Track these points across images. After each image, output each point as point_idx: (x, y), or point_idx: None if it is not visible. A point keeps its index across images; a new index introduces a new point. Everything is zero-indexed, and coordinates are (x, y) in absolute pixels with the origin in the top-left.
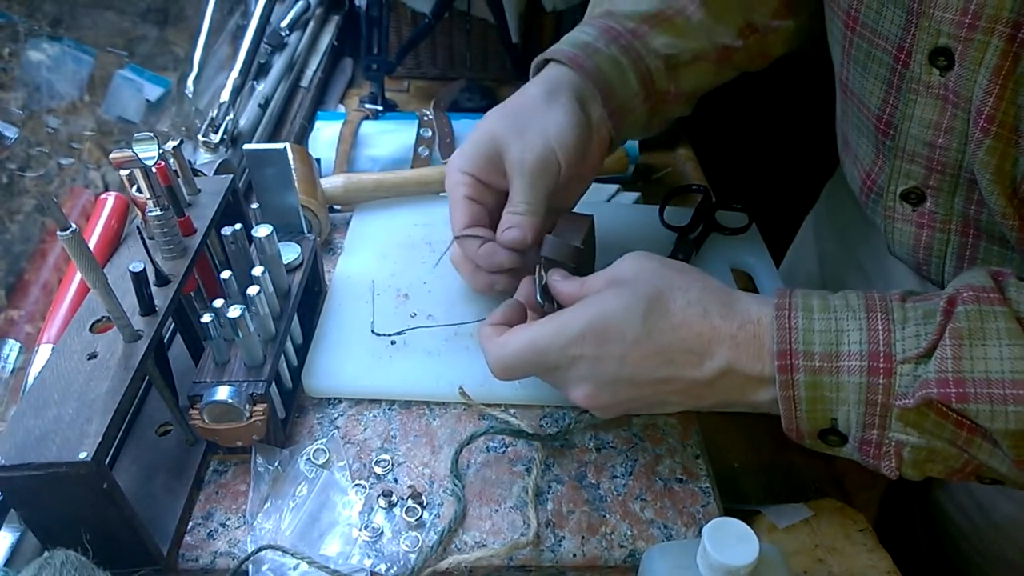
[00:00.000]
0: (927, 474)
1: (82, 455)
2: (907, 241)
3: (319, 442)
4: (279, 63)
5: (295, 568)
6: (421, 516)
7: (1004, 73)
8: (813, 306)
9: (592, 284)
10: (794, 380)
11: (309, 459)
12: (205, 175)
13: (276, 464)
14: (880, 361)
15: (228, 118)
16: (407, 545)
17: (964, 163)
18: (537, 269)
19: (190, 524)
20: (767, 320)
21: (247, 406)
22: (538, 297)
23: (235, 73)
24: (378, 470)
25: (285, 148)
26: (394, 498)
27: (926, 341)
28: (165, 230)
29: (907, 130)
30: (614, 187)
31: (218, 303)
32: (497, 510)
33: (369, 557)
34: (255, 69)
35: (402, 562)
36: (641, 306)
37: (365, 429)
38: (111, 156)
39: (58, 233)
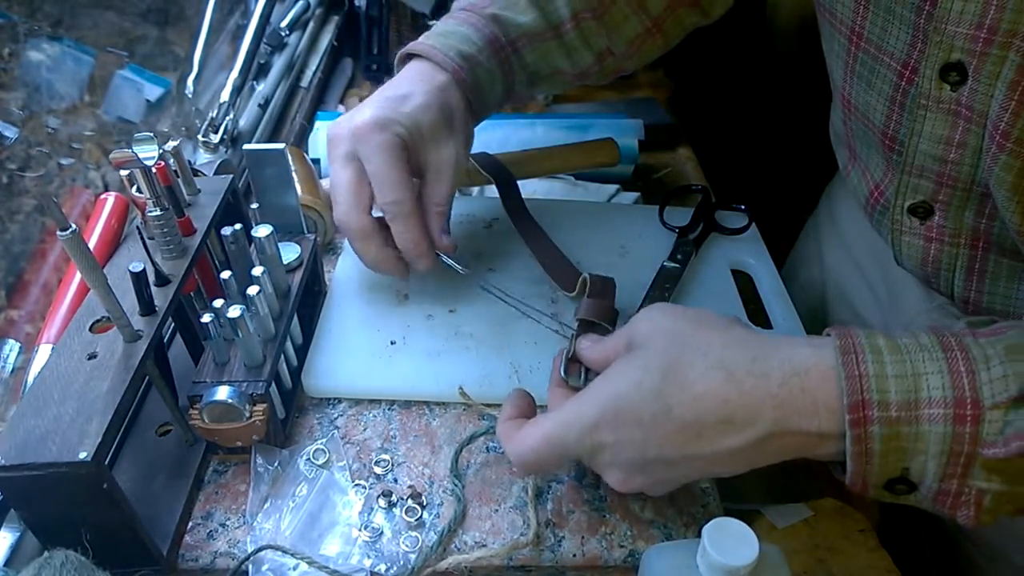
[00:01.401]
0: (998, 516)
1: (82, 455)
2: (915, 254)
3: (319, 442)
4: (279, 63)
5: (295, 568)
6: (421, 516)
7: (1021, 89)
8: (881, 347)
9: (614, 347)
10: (867, 433)
11: (309, 459)
12: (205, 175)
13: (276, 464)
14: (967, 408)
15: (228, 118)
16: (407, 545)
17: (977, 177)
18: (571, 339)
19: (190, 524)
20: (822, 369)
21: (247, 406)
22: (561, 371)
23: (235, 73)
24: (378, 470)
25: (284, 148)
26: (394, 498)
27: (1017, 384)
28: (165, 230)
29: (916, 145)
30: (614, 187)
31: (218, 303)
32: (497, 510)
33: (369, 557)
34: (255, 69)
35: (402, 562)
36: (655, 381)
37: (365, 429)
38: (111, 156)
39: (58, 233)
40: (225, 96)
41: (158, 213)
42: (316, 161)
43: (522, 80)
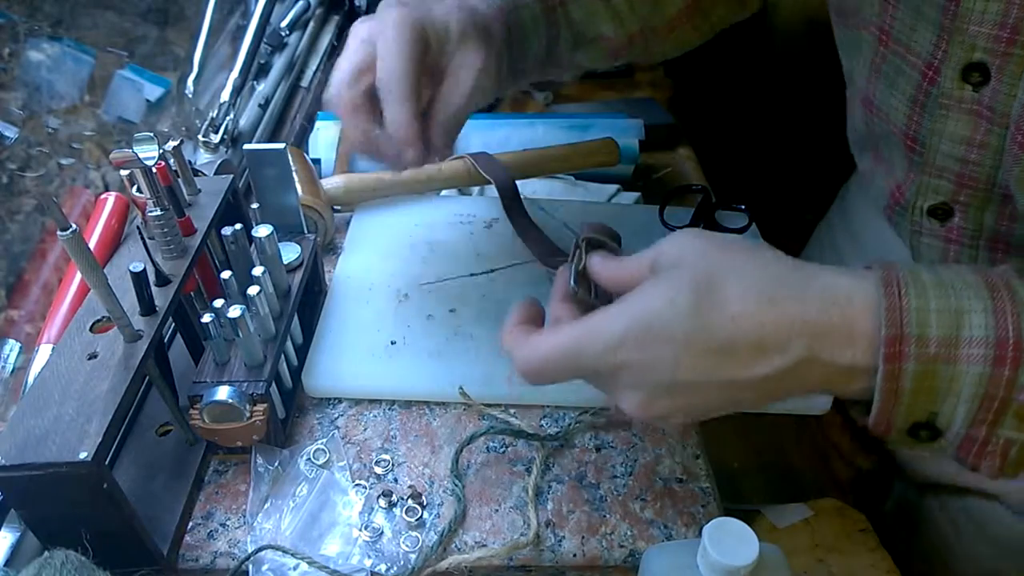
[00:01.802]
0: (1021, 470)
1: (82, 455)
2: (934, 256)
3: (319, 442)
4: (279, 63)
5: (295, 568)
6: (421, 516)
7: None
8: (925, 281)
9: (635, 267)
10: (901, 369)
11: (309, 459)
12: (205, 175)
13: (276, 464)
14: (1008, 350)
15: (228, 118)
16: (407, 545)
17: (997, 179)
18: (574, 252)
19: (190, 524)
20: (864, 299)
21: (247, 406)
22: (572, 282)
23: (235, 73)
24: (378, 470)
25: (284, 148)
26: (394, 498)
27: None
28: (165, 230)
29: (936, 146)
30: (614, 187)
31: (218, 303)
32: (497, 510)
33: (369, 557)
34: (255, 69)
35: (402, 562)
36: (690, 298)
37: (365, 429)
38: (111, 156)
39: (58, 233)
40: (225, 96)
41: (158, 213)
42: (316, 161)
43: (567, 38)
